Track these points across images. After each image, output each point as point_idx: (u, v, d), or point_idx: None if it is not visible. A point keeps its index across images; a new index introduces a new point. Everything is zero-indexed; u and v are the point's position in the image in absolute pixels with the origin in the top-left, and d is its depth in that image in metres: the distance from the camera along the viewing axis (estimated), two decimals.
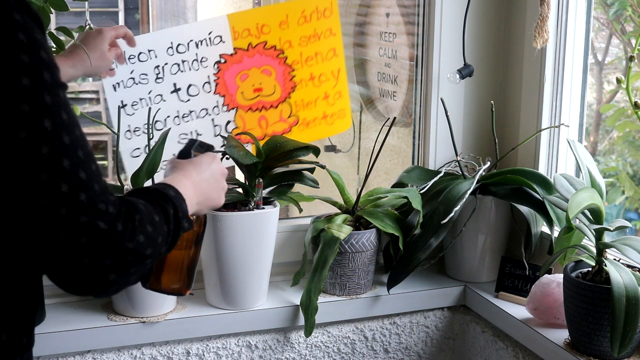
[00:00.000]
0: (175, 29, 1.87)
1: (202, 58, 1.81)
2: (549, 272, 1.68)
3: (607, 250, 1.51)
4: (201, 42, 1.80)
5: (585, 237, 1.57)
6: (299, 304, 1.73)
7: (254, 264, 1.69)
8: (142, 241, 0.94)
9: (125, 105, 1.77)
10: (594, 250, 1.52)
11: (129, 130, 1.79)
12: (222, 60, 1.82)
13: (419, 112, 2.02)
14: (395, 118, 1.83)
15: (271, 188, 1.79)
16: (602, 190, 1.58)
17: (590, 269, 1.53)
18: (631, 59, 1.46)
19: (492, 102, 1.87)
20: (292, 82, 1.87)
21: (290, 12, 1.84)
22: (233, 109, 1.85)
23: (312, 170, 1.81)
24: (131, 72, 1.75)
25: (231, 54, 1.82)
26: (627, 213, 2.55)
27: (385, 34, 2.36)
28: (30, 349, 1.05)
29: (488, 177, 1.83)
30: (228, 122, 1.85)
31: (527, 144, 1.88)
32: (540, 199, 1.73)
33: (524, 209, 1.78)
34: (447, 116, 1.86)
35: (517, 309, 1.72)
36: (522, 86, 1.94)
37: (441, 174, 1.89)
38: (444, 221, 1.73)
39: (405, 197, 1.80)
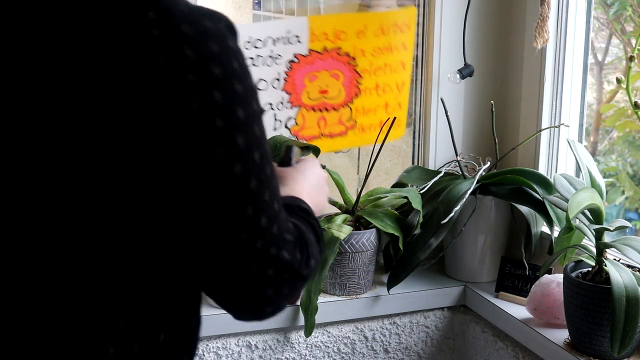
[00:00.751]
0: (255, 24, 1.92)
1: (276, 55, 1.82)
2: (549, 272, 1.68)
3: (607, 250, 1.51)
4: (278, 39, 1.81)
5: (585, 237, 1.57)
6: (298, 304, 1.73)
7: None
8: (313, 266, 0.94)
9: None
10: (594, 250, 1.52)
11: None
12: (296, 60, 1.84)
13: (419, 112, 2.02)
14: (395, 118, 1.83)
15: None
16: (602, 190, 1.58)
17: (590, 269, 1.53)
18: (631, 59, 1.46)
19: (492, 102, 1.87)
20: (357, 89, 1.90)
21: (369, 24, 1.87)
22: (296, 107, 1.87)
23: None
24: None
25: (305, 55, 1.85)
26: (627, 213, 2.55)
27: None
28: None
29: (488, 177, 1.83)
30: (289, 119, 1.88)
31: (527, 144, 1.88)
32: (540, 199, 1.73)
33: (524, 209, 1.78)
34: (447, 116, 1.86)
35: (517, 309, 1.72)
36: (522, 86, 1.94)
37: (441, 174, 1.89)
38: (444, 221, 1.73)
39: (405, 197, 1.80)
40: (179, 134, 0.80)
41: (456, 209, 1.73)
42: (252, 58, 1.80)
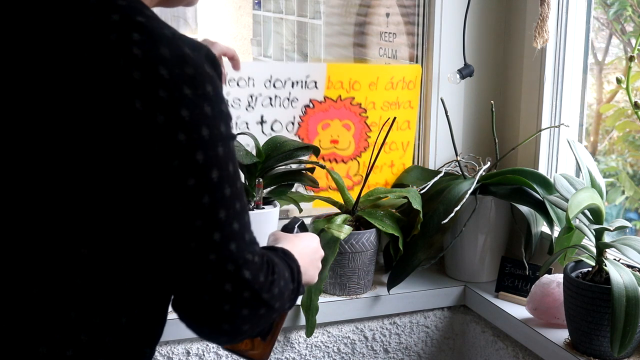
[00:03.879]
0: (278, 64, 1.98)
1: (294, 98, 1.86)
2: (549, 272, 1.68)
3: (607, 250, 1.51)
4: (297, 82, 1.85)
5: (585, 237, 1.57)
6: (299, 304, 1.73)
7: None
8: (276, 294, 0.97)
9: None
10: (594, 250, 1.52)
11: None
12: (311, 105, 1.87)
13: (419, 112, 2.02)
14: (395, 118, 1.83)
15: (271, 188, 1.79)
16: (602, 190, 1.58)
17: (590, 269, 1.53)
18: (631, 59, 1.46)
19: (492, 102, 1.87)
20: (366, 142, 1.92)
21: (380, 75, 1.90)
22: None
23: (312, 170, 1.81)
24: (227, 94, 1.79)
25: (320, 101, 1.87)
26: (627, 213, 2.55)
27: (385, 34, 2.36)
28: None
29: (488, 177, 1.83)
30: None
31: (527, 144, 1.88)
32: (541, 199, 1.73)
33: (524, 209, 1.78)
34: (447, 116, 1.86)
35: (517, 309, 1.72)
36: (522, 86, 1.94)
37: (441, 174, 1.89)
38: (445, 221, 1.73)
39: (405, 197, 1.80)
40: (144, 141, 0.88)
41: (456, 209, 1.73)
42: (270, 98, 1.84)
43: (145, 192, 0.90)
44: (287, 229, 1.29)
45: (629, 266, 1.49)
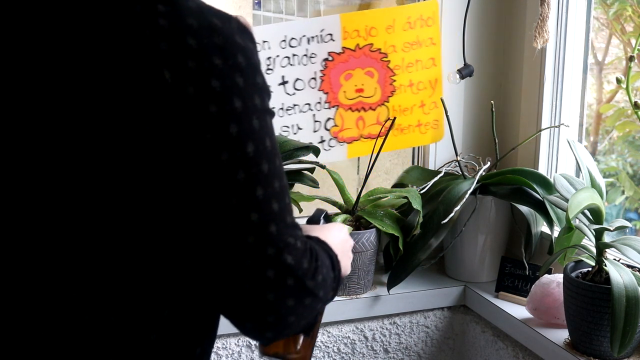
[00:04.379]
0: (290, 23, 1.93)
1: (311, 54, 1.84)
2: (549, 272, 1.68)
3: (607, 250, 1.51)
4: (313, 38, 1.84)
5: (585, 237, 1.57)
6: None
7: None
8: (320, 281, 0.91)
9: None
10: (594, 250, 1.52)
11: None
12: (330, 58, 1.86)
13: None
14: (395, 118, 1.83)
15: None
16: (602, 190, 1.58)
17: (590, 269, 1.53)
18: (631, 59, 1.47)
19: (492, 102, 1.87)
20: (392, 87, 1.90)
21: (397, 17, 1.88)
22: (334, 106, 1.88)
23: (312, 170, 1.81)
24: None
25: (339, 53, 1.86)
26: (627, 213, 2.55)
27: None
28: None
29: (488, 177, 1.83)
30: (328, 119, 1.88)
31: (527, 144, 1.88)
32: (541, 199, 1.73)
33: (524, 209, 1.78)
34: (447, 116, 1.86)
35: (517, 309, 1.72)
36: (522, 86, 1.94)
37: (441, 174, 1.89)
38: (444, 221, 1.73)
39: (405, 197, 1.80)
40: (175, 114, 0.83)
41: (456, 209, 1.73)
42: (288, 57, 1.83)
43: (177, 168, 0.84)
44: (313, 221, 1.22)
45: (629, 266, 1.49)
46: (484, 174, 1.82)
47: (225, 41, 0.86)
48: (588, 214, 1.53)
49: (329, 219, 1.24)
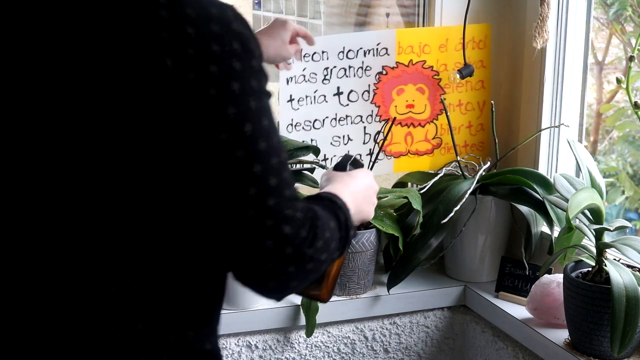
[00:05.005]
0: (348, 35, 1.97)
1: (367, 67, 1.89)
2: (549, 272, 1.68)
3: (607, 250, 1.51)
4: (369, 51, 1.88)
5: (585, 237, 1.57)
6: (299, 304, 1.73)
7: None
8: (319, 246, 0.96)
9: (293, 99, 1.84)
10: (594, 250, 1.52)
11: (290, 124, 1.85)
12: (384, 72, 1.90)
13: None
14: (395, 118, 1.83)
15: None
16: (602, 190, 1.58)
17: (590, 269, 1.53)
18: (631, 59, 1.47)
19: (492, 102, 1.87)
20: (441, 105, 1.92)
21: (450, 37, 1.92)
22: (385, 120, 1.90)
23: (312, 170, 1.81)
24: (303, 70, 1.84)
25: (393, 67, 1.90)
26: (627, 213, 2.55)
27: None
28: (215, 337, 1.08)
29: (488, 177, 1.83)
30: (378, 132, 1.91)
31: (527, 144, 1.88)
32: (541, 199, 1.73)
33: (524, 209, 1.78)
34: (447, 116, 1.86)
35: (517, 309, 1.72)
36: (522, 86, 1.94)
37: (441, 174, 1.89)
38: (444, 221, 1.73)
39: (405, 197, 1.80)
40: (177, 98, 0.89)
41: (456, 209, 1.73)
42: (344, 69, 1.87)
43: (180, 150, 0.91)
44: (340, 167, 1.24)
45: (629, 266, 1.49)
46: (483, 174, 1.82)
47: (222, 29, 0.91)
48: (588, 214, 1.53)
49: (357, 164, 1.27)
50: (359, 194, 1.15)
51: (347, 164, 1.24)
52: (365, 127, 1.91)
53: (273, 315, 1.73)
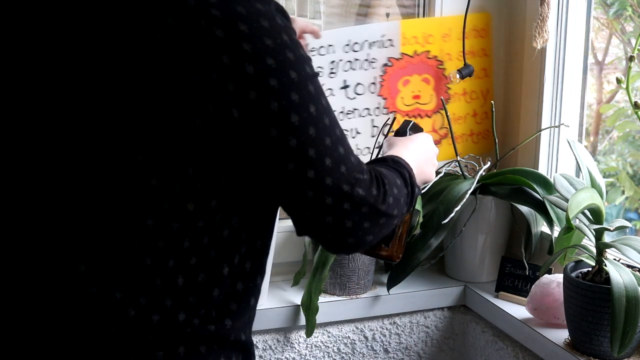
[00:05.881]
0: (354, 27, 1.96)
1: (372, 59, 1.89)
2: (549, 272, 1.68)
3: (607, 250, 1.51)
4: (374, 43, 1.88)
5: (585, 237, 1.57)
6: (299, 304, 1.73)
7: None
8: (391, 202, 1.05)
9: None
10: (594, 250, 1.52)
11: None
12: (389, 64, 1.90)
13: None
14: (395, 118, 1.83)
15: None
16: (602, 190, 1.58)
17: (590, 269, 1.53)
18: (631, 59, 1.46)
19: (492, 102, 1.87)
20: (446, 94, 1.93)
21: (453, 27, 1.91)
22: (392, 112, 1.91)
23: None
24: None
25: (398, 59, 1.90)
26: (627, 213, 2.55)
27: None
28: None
29: (488, 177, 1.83)
30: (385, 125, 1.89)
31: (527, 144, 1.88)
32: (541, 199, 1.73)
33: (524, 208, 1.78)
34: (447, 116, 1.86)
35: (517, 309, 1.72)
36: (522, 86, 1.94)
37: (441, 174, 1.89)
38: (445, 221, 1.73)
39: None
40: (240, 92, 0.95)
41: (456, 209, 1.73)
42: (350, 62, 1.87)
43: (254, 138, 0.97)
44: (400, 132, 1.32)
45: (629, 266, 1.49)
46: (484, 173, 1.82)
47: (270, 23, 0.98)
48: (588, 214, 1.53)
49: (417, 128, 1.33)
50: (420, 155, 1.24)
51: (407, 129, 1.31)
52: (372, 120, 1.91)
53: (273, 315, 1.73)
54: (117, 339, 0.99)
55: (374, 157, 1.83)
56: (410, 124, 1.33)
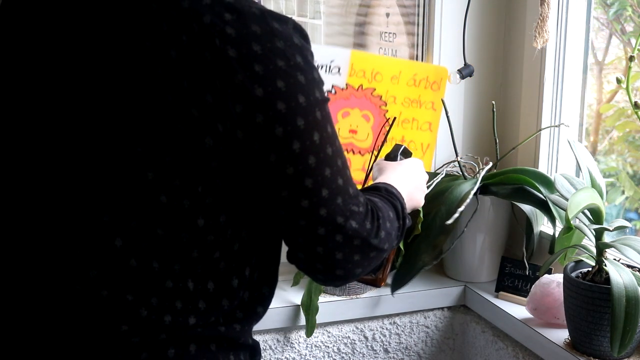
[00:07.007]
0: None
1: None
2: (549, 272, 1.68)
3: (607, 250, 1.51)
4: (322, 66, 1.84)
5: (585, 237, 1.57)
6: (299, 304, 1.73)
7: None
8: (383, 237, 1.05)
9: None
10: (593, 250, 1.52)
11: None
12: (333, 91, 1.86)
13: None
14: (395, 118, 1.83)
15: None
16: (602, 190, 1.58)
17: (590, 269, 1.53)
18: (631, 59, 1.46)
19: (493, 102, 1.87)
20: (384, 137, 1.88)
21: (404, 70, 1.88)
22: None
23: None
24: None
25: (342, 88, 1.87)
26: (627, 213, 2.55)
27: (385, 34, 2.36)
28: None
29: (489, 177, 1.83)
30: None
31: (527, 144, 1.88)
32: (543, 197, 1.72)
33: (526, 207, 1.78)
34: (447, 116, 1.86)
35: (517, 309, 1.72)
36: (522, 86, 1.94)
37: (442, 175, 1.89)
38: (449, 222, 1.73)
39: None
40: (246, 114, 0.94)
41: (460, 209, 1.73)
42: None
43: (254, 161, 0.97)
44: (390, 157, 1.31)
45: (629, 266, 1.49)
46: (485, 174, 1.82)
47: (285, 44, 0.96)
48: (588, 214, 1.53)
49: (407, 153, 1.32)
50: (411, 183, 1.24)
51: (398, 153, 1.30)
52: None
53: (273, 315, 1.73)
54: (129, 337, 1.00)
55: (373, 156, 1.83)
56: (401, 149, 1.32)
